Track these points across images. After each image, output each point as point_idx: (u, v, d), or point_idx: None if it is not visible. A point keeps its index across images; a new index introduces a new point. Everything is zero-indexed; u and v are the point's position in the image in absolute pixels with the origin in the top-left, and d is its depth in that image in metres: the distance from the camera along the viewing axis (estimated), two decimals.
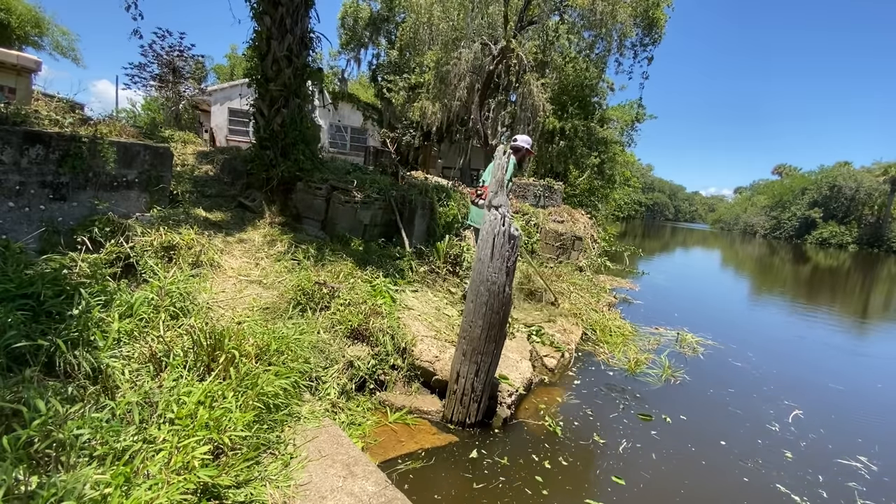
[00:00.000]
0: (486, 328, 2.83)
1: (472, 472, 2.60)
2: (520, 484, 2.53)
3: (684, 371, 4.50)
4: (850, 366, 5.56)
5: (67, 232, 3.53)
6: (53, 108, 4.38)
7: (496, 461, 2.72)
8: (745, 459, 3.07)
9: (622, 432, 3.28)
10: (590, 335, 5.24)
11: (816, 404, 4.12)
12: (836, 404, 4.21)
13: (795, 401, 4.10)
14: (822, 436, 3.52)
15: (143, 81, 16.35)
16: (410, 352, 3.46)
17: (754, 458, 3.10)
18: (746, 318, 8.16)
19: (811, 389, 4.50)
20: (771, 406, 3.97)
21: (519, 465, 2.71)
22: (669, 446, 3.14)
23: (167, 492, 1.45)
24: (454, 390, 2.97)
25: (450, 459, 2.69)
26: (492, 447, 2.86)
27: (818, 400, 4.25)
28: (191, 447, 1.68)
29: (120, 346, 2.41)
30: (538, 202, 10.72)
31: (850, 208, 43.47)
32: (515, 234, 2.82)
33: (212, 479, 1.61)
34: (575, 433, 3.18)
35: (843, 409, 4.11)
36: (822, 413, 3.94)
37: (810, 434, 3.53)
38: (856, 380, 5.04)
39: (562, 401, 3.70)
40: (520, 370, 3.66)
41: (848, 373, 5.24)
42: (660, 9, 11.79)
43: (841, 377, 4.99)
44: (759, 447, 3.26)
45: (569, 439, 3.09)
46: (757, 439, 3.37)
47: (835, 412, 4.01)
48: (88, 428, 1.68)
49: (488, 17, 13.83)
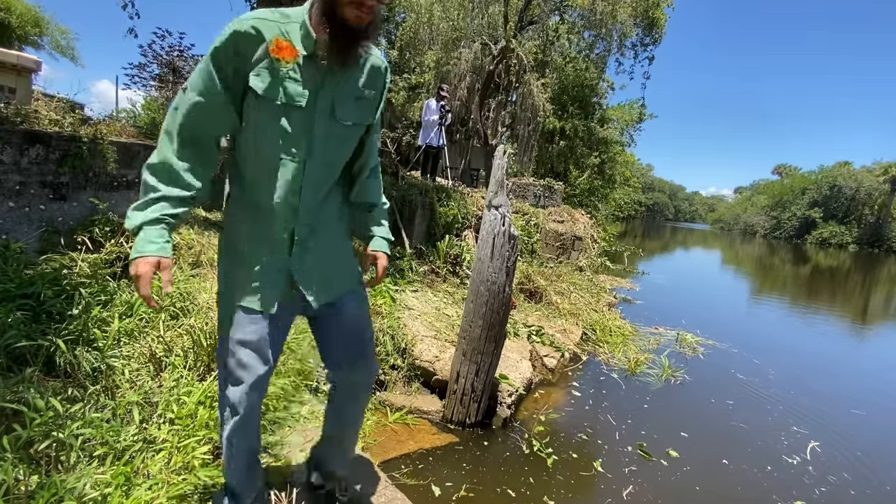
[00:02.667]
0: (486, 328, 2.84)
1: (471, 472, 2.60)
2: (520, 483, 2.53)
3: (684, 371, 4.51)
4: (845, 364, 5.57)
5: (67, 232, 3.53)
6: (54, 108, 4.38)
7: (496, 461, 2.72)
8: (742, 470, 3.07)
9: (621, 434, 3.28)
10: (590, 335, 5.24)
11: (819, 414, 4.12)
12: (853, 429, 3.96)
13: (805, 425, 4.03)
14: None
15: (142, 81, 16.39)
16: (410, 352, 3.46)
17: (751, 466, 3.10)
18: (745, 318, 8.17)
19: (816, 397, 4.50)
20: (781, 431, 3.74)
21: (519, 465, 2.71)
22: (670, 450, 3.14)
23: (167, 491, 1.45)
24: (454, 390, 2.98)
25: (450, 459, 2.69)
26: (492, 447, 2.86)
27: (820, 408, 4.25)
28: (191, 447, 1.68)
29: (120, 345, 2.41)
30: (538, 202, 10.72)
31: (850, 208, 43.51)
32: (515, 234, 2.82)
33: (212, 479, 1.61)
34: (572, 434, 3.18)
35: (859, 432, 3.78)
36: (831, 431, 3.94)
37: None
38: (848, 373, 5.04)
39: (562, 401, 3.70)
40: (520, 370, 3.66)
41: (843, 367, 5.25)
42: (660, 9, 11.78)
43: (839, 379, 5.00)
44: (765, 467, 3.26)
45: (567, 439, 3.09)
46: (767, 465, 3.36)
47: (852, 438, 3.65)
48: (88, 428, 1.68)
49: (489, 17, 13.82)
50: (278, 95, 1.13)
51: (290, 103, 1.15)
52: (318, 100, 1.18)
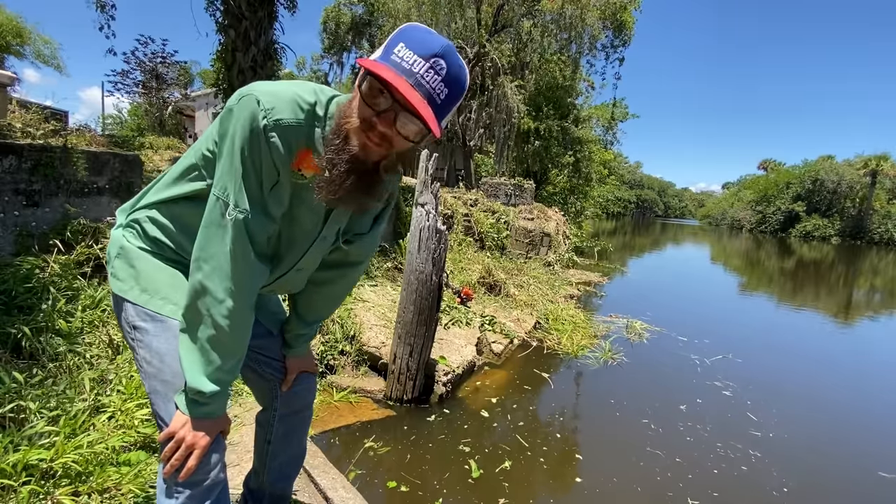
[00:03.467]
0: (417, 313, 3.17)
1: (401, 437, 2.94)
2: (450, 450, 2.87)
3: (623, 354, 4.87)
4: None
5: (41, 235, 3.83)
6: (29, 120, 4.68)
7: (426, 429, 3.06)
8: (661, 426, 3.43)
9: (555, 408, 3.63)
10: (542, 324, 5.59)
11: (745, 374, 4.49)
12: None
13: (728, 379, 4.47)
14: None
15: (126, 88, 16.60)
16: (359, 339, 3.79)
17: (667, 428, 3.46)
18: (701, 306, 8.56)
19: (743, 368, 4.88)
20: (699, 384, 4.35)
21: (447, 433, 3.04)
22: (602, 415, 3.50)
23: (109, 439, 1.77)
24: (392, 370, 3.31)
25: (384, 428, 3.02)
26: (424, 419, 3.19)
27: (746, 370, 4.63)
28: (133, 409, 2.00)
29: (83, 333, 2.73)
30: (509, 200, 11.08)
31: (832, 201, 44.35)
32: (442, 228, 3.16)
33: (150, 434, 1.93)
34: (508, 406, 3.53)
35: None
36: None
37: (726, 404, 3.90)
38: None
39: (502, 381, 4.04)
40: (462, 354, 4.00)
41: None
42: (627, 11, 12.21)
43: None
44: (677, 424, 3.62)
45: (501, 414, 3.43)
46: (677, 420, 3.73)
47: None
48: (46, 397, 2.00)
49: (465, 21, 14.20)
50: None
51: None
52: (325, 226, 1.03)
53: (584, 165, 14.44)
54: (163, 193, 1.02)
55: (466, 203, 9.18)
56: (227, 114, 0.88)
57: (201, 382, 0.90)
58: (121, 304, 1.02)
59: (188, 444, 0.90)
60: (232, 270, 0.89)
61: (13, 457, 1.53)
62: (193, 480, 0.93)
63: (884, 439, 3.62)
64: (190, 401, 0.91)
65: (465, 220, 8.57)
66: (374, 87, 0.80)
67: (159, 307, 0.99)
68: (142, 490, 1.62)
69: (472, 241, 8.30)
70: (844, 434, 3.64)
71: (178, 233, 1.01)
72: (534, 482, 2.65)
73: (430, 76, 0.80)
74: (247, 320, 0.95)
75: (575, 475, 2.75)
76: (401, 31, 0.82)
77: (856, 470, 3.13)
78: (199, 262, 0.89)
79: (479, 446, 2.92)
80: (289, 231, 1.00)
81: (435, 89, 0.80)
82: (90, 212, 4.22)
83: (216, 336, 0.90)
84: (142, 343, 0.99)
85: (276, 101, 0.85)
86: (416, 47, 0.79)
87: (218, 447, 0.97)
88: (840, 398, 4.39)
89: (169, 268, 1.02)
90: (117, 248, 1.04)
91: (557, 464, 2.85)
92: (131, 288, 1.00)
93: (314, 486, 2.03)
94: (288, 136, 0.86)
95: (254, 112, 0.83)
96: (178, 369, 0.94)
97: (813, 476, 2.98)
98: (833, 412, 4.06)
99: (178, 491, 0.93)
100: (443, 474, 2.59)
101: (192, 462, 0.90)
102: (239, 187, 0.86)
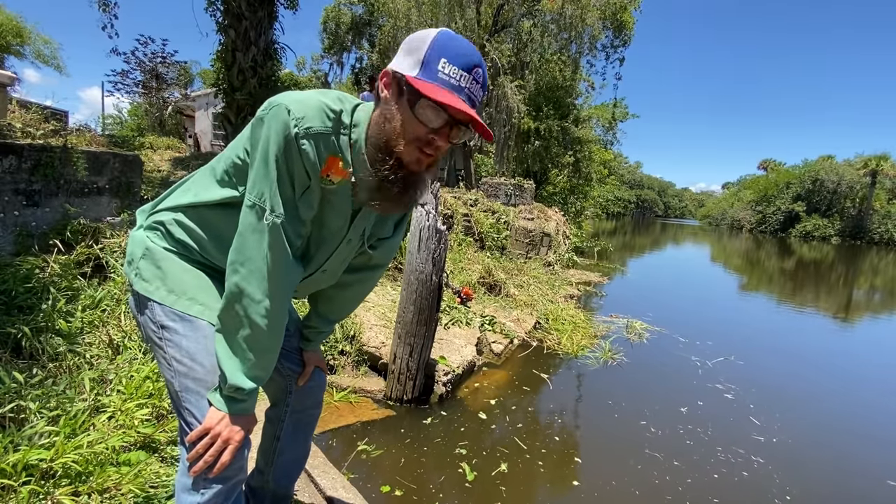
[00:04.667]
0: (417, 313, 3.17)
1: (401, 437, 2.93)
2: (446, 453, 2.87)
3: (623, 354, 4.87)
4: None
5: (41, 235, 3.83)
6: (29, 120, 4.68)
7: (426, 430, 3.05)
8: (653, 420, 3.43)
9: (554, 409, 3.63)
10: (542, 324, 5.59)
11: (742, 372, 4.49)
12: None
13: (729, 381, 4.47)
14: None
15: (126, 88, 16.62)
16: (359, 339, 3.79)
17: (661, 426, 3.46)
18: (702, 306, 8.56)
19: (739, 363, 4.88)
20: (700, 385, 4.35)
21: (447, 438, 3.04)
22: (597, 416, 3.49)
23: (109, 440, 1.77)
24: (392, 370, 3.31)
25: (384, 428, 3.02)
26: (424, 419, 3.19)
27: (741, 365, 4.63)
28: (133, 409, 2.00)
29: (83, 333, 2.72)
30: (509, 201, 11.08)
31: (832, 201, 44.38)
32: (442, 228, 3.16)
33: (150, 434, 1.93)
34: (507, 407, 3.53)
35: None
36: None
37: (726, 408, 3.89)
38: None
39: (503, 381, 4.04)
40: (462, 354, 4.00)
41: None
42: (627, 12, 12.21)
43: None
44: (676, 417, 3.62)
45: (500, 416, 3.43)
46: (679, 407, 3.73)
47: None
48: (46, 397, 2.00)
49: (465, 21, 14.21)
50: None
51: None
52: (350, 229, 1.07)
53: (584, 165, 14.45)
54: (189, 198, 1.04)
55: (466, 203, 9.18)
56: (258, 123, 0.91)
57: (241, 380, 0.93)
58: (146, 303, 1.04)
59: (224, 438, 0.94)
60: (269, 272, 0.92)
61: (13, 457, 1.53)
62: (224, 476, 0.96)
63: (892, 447, 3.49)
64: (227, 398, 0.95)
65: (465, 220, 8.58)
66: (430, 108, 0.85)
67: (187, 307, 1.02)
68: (142, 490, 1.62)
69: (472, 241, 8.31)
70: (850, 441, 3.51)
71: (204, 236, 1.04)
72: (530, 485, 2.64)
73: (474, 87, 0.87)
74: (283, 319, 0.99)
75: (573, 478, 2.74)
76: (437, 43, 0.85)
77: (863, 478, 3.01)
78: (235, 265, 0.93)
79: (477, 449, 2.92)
80: (318, 233, 1.04)
81: (476, 95, 0.88)
82: (90, 212, 4.22)
83: (253, 335, 0.94)
84: (171, 342, 1.01)
85: (306, 110, 0.88)
86: (458, 61, 0.85)
87: (247, 444, 1.00)
88: (845, 403, 4.33)
89: (194, 269, 1.05)
90: (143, 248, 1.06)
91: (555, 466, 2.85)
92: (157, 288, 1.03)
93: (314, 487, 2.03)
94: (318, 144, 0.90)
95: (285, 121, 0.87)
96: (209, 367, 0.98)
97: (817, 484, 2.87)
98: (839, 418, 3.94)
99: (207, 487, 0.96)
100: (438, 478, 2.58)
101: (227, 457, 0.94)
102: (274, 192, 0.90)
